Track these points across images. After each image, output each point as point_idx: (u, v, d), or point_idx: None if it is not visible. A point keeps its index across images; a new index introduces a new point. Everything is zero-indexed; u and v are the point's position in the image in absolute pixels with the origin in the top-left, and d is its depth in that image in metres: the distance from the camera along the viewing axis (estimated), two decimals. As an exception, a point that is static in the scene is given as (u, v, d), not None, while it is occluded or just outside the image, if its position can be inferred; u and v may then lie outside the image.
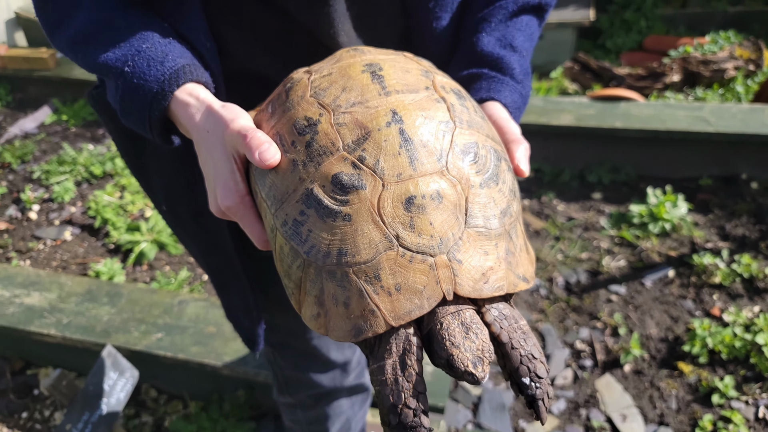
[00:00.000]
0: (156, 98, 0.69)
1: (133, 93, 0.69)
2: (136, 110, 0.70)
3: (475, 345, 0.56)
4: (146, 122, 0.70)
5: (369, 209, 0.57)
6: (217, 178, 0.66)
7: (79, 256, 2.90)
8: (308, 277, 0.60)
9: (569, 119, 3.17)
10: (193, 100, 0.68)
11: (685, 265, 2.60)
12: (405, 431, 0.54)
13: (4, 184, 3.50)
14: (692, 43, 4.37)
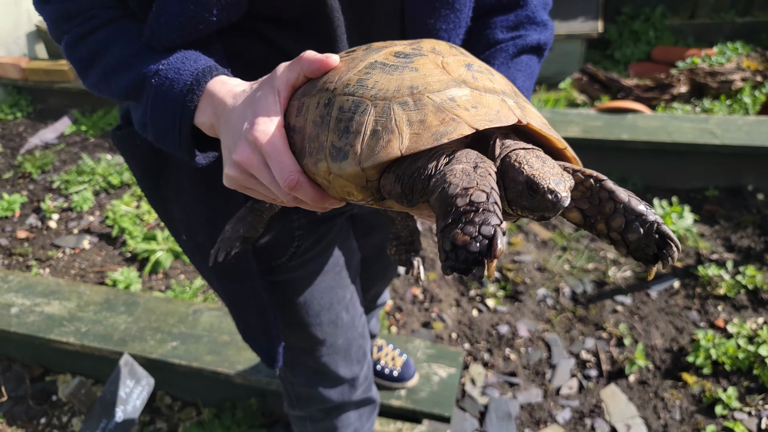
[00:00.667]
0: (191, 90, 0.71)
1: (167, 89, 0.72)
2: (168, 109, 0.72)
3: (554, 171, 0.52)
4: (177, 121, 0.72)
5: (434, 63, 0.62)
6: (258, 107, 0.65)
7: (96, 264, 2.99)
8: (372, 116, 0.58)
9: (577, 131, 3.22)
10: (229, 80, 0.72)
11: (691, 276, 2.63)
12: (478, 215, 0.47)
13: (24, 193, 3.60)
14: (700, 54, 4.40)
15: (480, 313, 2.61)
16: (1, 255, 3.10)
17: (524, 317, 2.56)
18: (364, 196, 0.63)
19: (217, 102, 0.70)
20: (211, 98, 0.71)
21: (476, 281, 0.76)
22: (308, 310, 1.12)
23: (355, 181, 0.60)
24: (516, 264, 2.85)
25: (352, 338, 1.25)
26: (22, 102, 4.66)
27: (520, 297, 2.66)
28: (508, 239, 3.01)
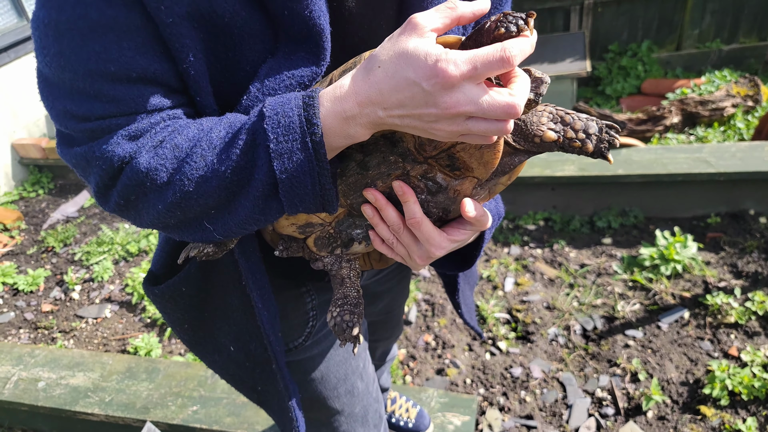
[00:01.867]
0: (308, 95, 0.67)
1: (281, 119, 0.66)
2: (294, 136, 0.66)
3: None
4: (310, 148, 0.66)
5: None
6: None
7: (118, 332, 3.09)
8: None
9: (572, 169, 3.31)
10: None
11: (700, 306, 2.65)
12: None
13: (48, 267, 3.75)
14: (689, 84, 4.52)
15: (493, 356, 2.64)
16: (28, 329, 3.22)
17: (537, 357, 2.59)
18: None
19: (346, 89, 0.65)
20: (331, 97, 0.66)
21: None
22: (326, 384, 1.16)
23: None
24: (525, 304, 2.89)
25: (368, 404, 1.29)
26: (43, 179, 4.89)
27: (531, 337, 2.69)
28: (516, 280, 3.06)
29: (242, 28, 0.71)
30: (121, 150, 0.69)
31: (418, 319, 2.92)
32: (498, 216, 1.03)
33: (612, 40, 5.50)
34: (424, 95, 0.60)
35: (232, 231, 0.75)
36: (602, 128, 0.75)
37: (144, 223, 0.76)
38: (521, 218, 3.53)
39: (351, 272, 0.92)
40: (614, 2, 5.32)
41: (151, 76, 0.69)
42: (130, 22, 0.66)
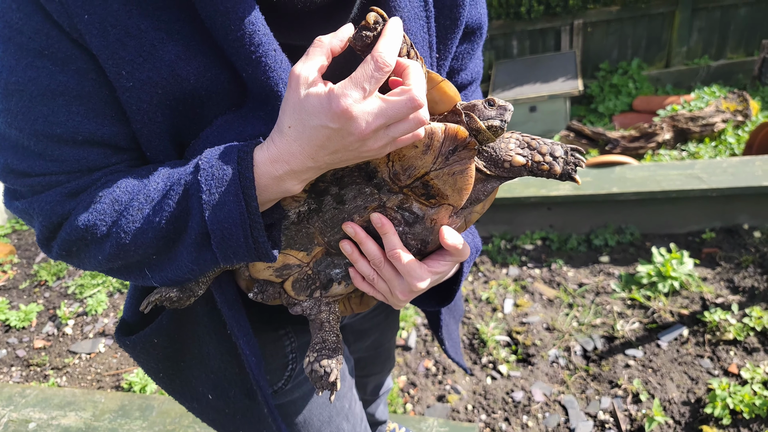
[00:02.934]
0: (243, 149, 0.68)
1: (216, 171, 0.67)
2: (227, 188, 0.67)
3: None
4: (242, 201, 0.67)
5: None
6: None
7: (112, 367, 3.04)
8: None
9: (568, 188, 3.31)
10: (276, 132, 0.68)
11: (698, 323, 2.62)
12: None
13: (41, 302, 3.71)
14: (679, 101, 4.56)
15: (494, 381, 2.60)
16: (20, 367, 3.16)
17: (538, 380, 2.55)
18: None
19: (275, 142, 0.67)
20: (266, 149, 0.68)
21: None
22: (309, 428, 1.13)
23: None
24: (524, 326, 2.86)
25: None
26: (37, 212, 4.87)
27: (532, 360, 2.66)
28: (515, 301, 3.04)
29: (209, 88, 0.72)
30: (60, 208, 0.72)
31: (418, 345, 2.89)
32: (476, 249, 1.03)
33: (602, 59, 5.57)
34: (336, 132, 0.63)
35: (170, 279, 0.76)
36: (567, 151, 0.79)
37: (87, 269, 0.78)
38: (519, 238, 3.52)
39: (330, 316, 0.90)
40: (603, 22, 5.41)
41: (98, 139, 0.71)
42: (81, 89, 0.68)
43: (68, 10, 0.64)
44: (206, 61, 0.70)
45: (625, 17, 5.32)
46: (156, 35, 0.67)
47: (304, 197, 0.77)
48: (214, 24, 0.68)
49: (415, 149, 0.73)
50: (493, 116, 0.73)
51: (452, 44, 0.91)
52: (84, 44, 0.67)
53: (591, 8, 5.29)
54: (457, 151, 0.74)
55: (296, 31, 0.76)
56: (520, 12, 5.35)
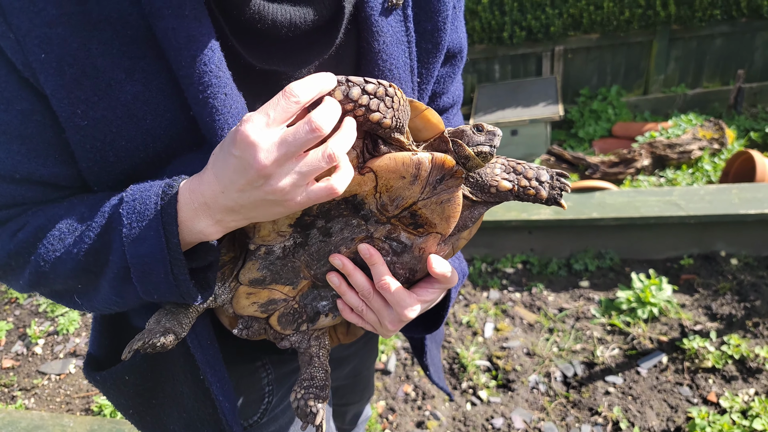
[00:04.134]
0: (168, 184, 0.67)
1: (137, 205, 0.66)
2: (148, 223, 0.65)
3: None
4: (162, 236, 0.65)
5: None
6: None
7: (82, 389, 2.94)
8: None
9: (548, 212, 3.34)
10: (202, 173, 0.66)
11: (677, 350, 2.64)
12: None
13: (10, 320, 3.59)
14: (657, 128, 4.66)
15: (474, 407, 2.57)
16: (-15, 388, 3.05)
17: (518, 407, 2.53)
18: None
19: (199, 181, 0.66)
20: (190, 189, 0.66)
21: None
22: None
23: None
24: (505, 351, 2.85)
25: None
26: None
27: (512, 385, 2.64)
28: (495, 325, 3.03)
29: (168, 128, 0.71)
30: None
31: (398, 369, 2.85)
32: (462, 274, 1.02)
33: (582, 85, 5.69)
34: (239, 162, 0.59)
35: (98, 308, 0.75)
36: (553, 176, 0.79)
37: (14, 288, 0.78)
38: (500, 261, 3.53)
39: (320, 351, 0.88)
40: (583, 49, 5.53)
41: (36, 179, 0.71)
42: (23, 129, 0.68)
43: (24, 48, 0.63)
44: (166, 102, 0.70)
45: (605, 45, 5.45)
46: (114, 75, 0.67)
47: (290, 232, 0.76)
48: (172, 61, 0.67)
49: (402, 180, 0.72)
50: (482, 142, 0.74)
51: (434, 68, 0.91)
52: (36, 83, 0.66)
53: (571, 35, 5.41)
54: (445, 180, 0.73)
55: (278, 57, 0.75)
56: (502, 37, 5.45)
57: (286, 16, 0.71)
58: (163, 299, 0.71)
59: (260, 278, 0.81)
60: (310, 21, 0.73)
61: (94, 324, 0.97)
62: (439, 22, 0.86)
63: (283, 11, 0.70)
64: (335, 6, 0.74)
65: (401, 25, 0.82)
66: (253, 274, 0.80)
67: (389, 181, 0.72)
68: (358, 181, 0.72)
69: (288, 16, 0.71)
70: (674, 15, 4.97)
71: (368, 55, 0.80)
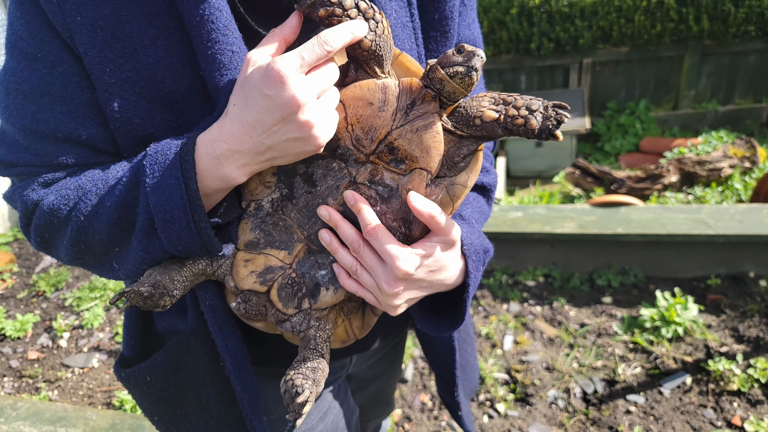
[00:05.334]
0: (188, 136, 0.71)
1: (159, 156, 0.70)
2: (168, 171, 0.69)
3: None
4: (182, 183, 0.68)
5: None
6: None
7: (105, 383, 2.99)
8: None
9: (572, 226, 3.30)
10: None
11: (702, 371, 2.58)
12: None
13: (37, 312, 3.68)
14: (686, 144, 4.58)
15: (491, 419, 2.55)
16: (12, 377, 3.12)
17: (536, 422, 2.50)
18: None
19: (218, 128, 0.69)
20: (209, 137, 0.70)
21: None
22: None
23: None
24: (524, 364, 2.82)
25: None
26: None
27: (530, 400, 2.61)
28: (515, 338, 3.00)
29: (184, 93, 0.76)
30: (35, 195, 0.78)
31: (415, 378, 2.84)
32: (483, 249, 0.91)
33: (610, 98, 5.62)
34: (268, 101, 0.64)
35: (131, 270, 0.78)
36: (548, 106, 0.71)
37: (63, 260, 0.82)
38: (521, 274, 3.50)
39: (317, 333, 0.83)
40: (612, 62, 5.47)
41: (76, 138, 0.77)
42: (64, 90, 0.75)
43: (63, 12, 0.71)
44: (184, 69, 0.75)
45: (635, 58, 5.38)
46: (140, 40, 0.73)
47: (274, 182, 0.76)
48: (187, 25, 0.72)
49: (371, 107, 0.71)
50: (459, 62, 0.68)
51: None
52: (73, 45, 0.73)
53: (600, 48, 5.36)
54: (417, 105, 0.71)
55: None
56: (530, 48, 5.43)
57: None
58: (187, 251, 0.73)
59: (254, 240, 0.80)
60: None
61: (126, 325, 0.99)
62: (446, 11, 0.88)
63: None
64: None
65: (405, 10, 0.84)
66: (247, 235, 0.80)
67: (357, 109, 0.71)
68: None
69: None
70: (707, 30, 4.89)
71: None
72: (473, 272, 0.87)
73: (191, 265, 0.79)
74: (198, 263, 0.79)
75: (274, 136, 0.67)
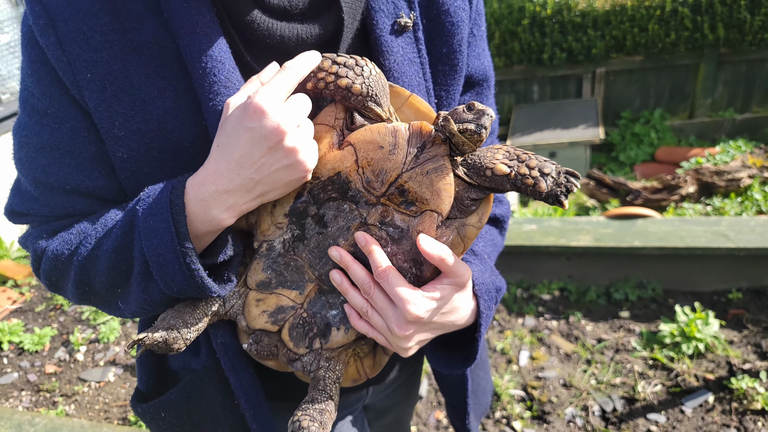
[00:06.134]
0: (177, 179, 0.73)
1: (150, 200, 0.72)
2: (159, 215, 0.70)
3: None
4: (171, 227, 0.70)
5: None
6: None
7: (120, 398, 3.01)
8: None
9: (588, 239, 3.26)
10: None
11: (725, 389, 2.53)
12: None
13: (55, 326, 3.72)
14: (703, 153, 4.52)
15: (507, 437, 2.52)
16: (30, 392, 3.15)
17: (554, 441, 2.46)
18: None
19: (206, 169, 0.72)
20: (197, 179, 0.72)
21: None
22: None
23: None
24: (540, 381, 2.79)
25: None
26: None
27: (547, 418, 2.57)
28: (531, 354, 2.97)
29: (193, 141, 0.78)
30: (43, 243, 0.82)
31: (429, 394, 2.82)
32: (495, 288, 0.92)
33: (624, 107, 5.57)
34: (252, 134, 0.66)
35: (134, 310, 0.80)
36: (560, 172, 0.72)
37: (73, 300, 0.84)
38: (536, 287, 3.46)
39: (327, 373, 0.84)
40: (626, 71, 5.43)
41: (83, 190, 0.80)
42: (72, 145, 0.77)
43: (74, 69, 0.73)
44: (192, 117, 0.77)
45: (649, 67, 5.33)
46: (148, 92, 0.75)
47: (286, 222, 0.77)
48: (192, 76, 0.75)
49: (381, 150, 0.71)
50: (469, 120, 0.70)
51: (454, 90, 0.92)
52: (82, 100, 0.75)
53: (614, 57, 5.32)
54: (426, 149, 0.72)
55: None
56: (542, 58, 5.41)
57: (294, 32, 0.77)
58: (183, 293, 0.74)
59: (266, 280, 0.80)
60: (315, 35, 0.79)
61: (138, 363, 1.00)
62: (454, 44, 0.88)
63: (291, 28, 0.77)
64: (339, 22, 0.80)
65: (413, 47, 0.85)
66: (259, 275, 0.80)
67: (368, 152, 0.72)
68: (339, 157, 0.73)
69: (295, 32, 0.77)
70: (723, 38, 4.84)
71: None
72: (485, 312, 0.87)
73: (204, 307, 0.80)
74: (210, 304, 0.80)
75: (262, 169, 0.69)
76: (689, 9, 4.82)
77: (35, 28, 0.73)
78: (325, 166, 0.74)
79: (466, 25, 0.89)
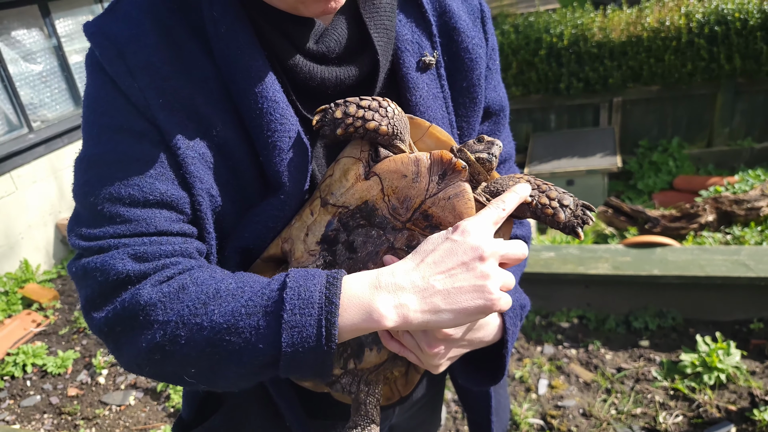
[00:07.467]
0: (331, 281, 0.68)
1: (302, 291, 0.67)
2: (310, 310, 0.66)
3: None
4: (323, 317, 0.66)
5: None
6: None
7: (140, 421, 3.04)
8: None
9: (606, 267, 3.26)
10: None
11: (747, 421, 2.48)
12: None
13: (78, 349, 3.79)
14: (722, 182, 4.51)
15: (526, 468, 2.49)
16: (52, 414, 3.20)
17: (574, 472, 2.43)
18: None
19: (370, 276, 0.71)
20: (352, 285, 0.70)
21: None
22: None
23: None
24: (560, 410, 2.76)
25: None
26: (82, 258, 5.05)
27: (567, 448, 2.54)
28: (550, 382, 2.94)
29: (246, 171, 0.81)
30: (121, 265, 0.70)
31: (448, 422, 2.80)
32: (519, 305, 0.95)
33: (642, 136, 5.60)
34: (451, 243, 0.72)
35: (206, 386, 0.74)
36: (579, 205, 0.80)
37: (121, 358, 0.73)
38: (554, 315, 3.45)
39: (368, 398, 0.86)
40: (643, 100, 5.47)
41: (167, 200, 0.75)
42: (155, 155, 0.76)
43: (145, 96, 0.75)
44: (245, 147, 0.80)
45: (666, 97, 5.37)
46: (212, 121, 0.78)
47: (318, 250, 0.81)
48: (244, 116, 0.79)
49: (405, 178, 0.76)
50: (480, 150, 0.78)
51: (474, 121, 0.97)
52: (155, 122, 0.76)
53: (631, 87, 5.37)
54: (448, 175, 0.76)
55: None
56: (559, 88, 5.48)
57: (333, 74, 0.82)
58: (299, 379, 0.75)
59: None
60: (353, 77, 0.84)
61: (184, 393, 1.02)
62: (474, 78, 0.94)
63: (330, 71, 0.82)
64: (373, 63, 0.85)
65: (436, 83, 0.91)
66: None
67: (393, 181, 0.77)
68: (366, 187, 0.78)
69: (334, 74, 0.83)
70: (739, 68, 4.86)
71: (407, 108, 0.89)
72: (511, 329, 0.90)
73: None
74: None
75: (452, 277, 0.70)
76: (705, 40, 4.87)
77: (104, 60, 0.76)
78: (354, 196, 0.79)
79: (483, 61, 0.95)
